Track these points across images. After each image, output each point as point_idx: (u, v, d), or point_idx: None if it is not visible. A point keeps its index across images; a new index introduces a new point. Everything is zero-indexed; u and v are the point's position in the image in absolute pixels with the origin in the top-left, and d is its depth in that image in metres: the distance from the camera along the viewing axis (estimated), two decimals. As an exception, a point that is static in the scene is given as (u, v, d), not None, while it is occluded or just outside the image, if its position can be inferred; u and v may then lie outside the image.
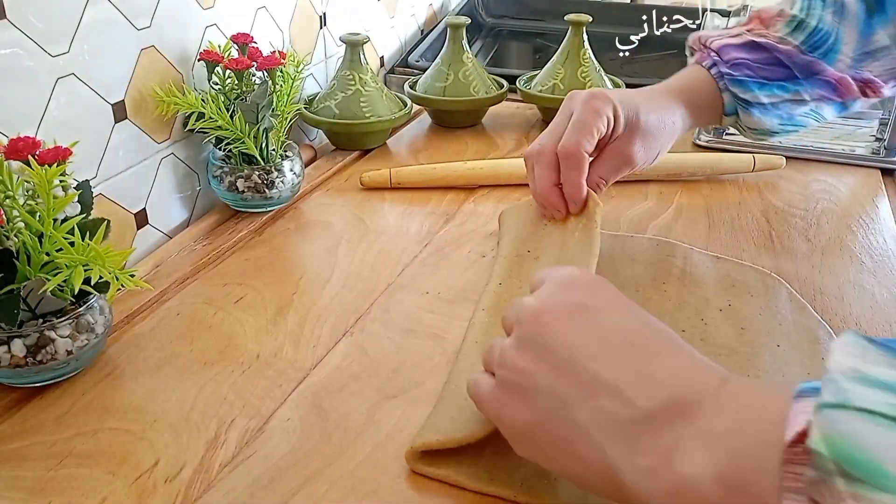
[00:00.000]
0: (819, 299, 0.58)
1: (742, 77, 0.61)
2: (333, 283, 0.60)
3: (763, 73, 0.60)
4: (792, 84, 0.61)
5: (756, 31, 0.62)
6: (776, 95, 0.61)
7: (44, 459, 0.42)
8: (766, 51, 0.61)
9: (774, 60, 0.60)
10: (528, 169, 0.59)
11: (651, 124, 0.58)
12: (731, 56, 0.61)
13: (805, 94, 0.61)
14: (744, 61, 0.60)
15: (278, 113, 0.69)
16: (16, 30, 0.51)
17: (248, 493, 0.40)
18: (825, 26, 0.59)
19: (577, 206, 0.57)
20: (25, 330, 0.45)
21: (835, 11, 0.59)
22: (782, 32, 0.61)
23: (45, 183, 0.42)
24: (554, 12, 1.29)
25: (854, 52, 0.59)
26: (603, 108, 0.55)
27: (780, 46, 0.60)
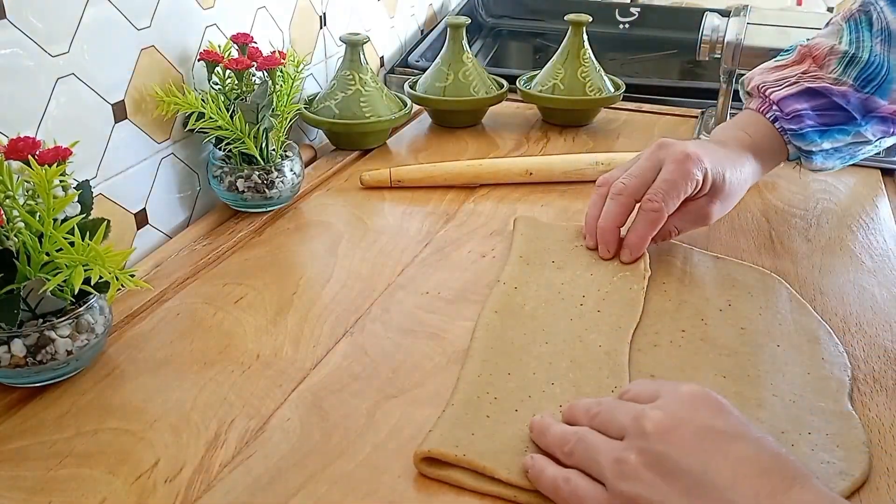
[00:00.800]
0: (819, 299, 0.58)
1: (803, 129, 0.61)
2: (333, 283, 0.60)
3: (822, 119, 0.61)
4: (852, 126, 0.61)
5: (811, 74, 0.61)
6: (837, 140, 0.61)
7: (44, 459, 0.42)
8: (824, 96, 0.60)
9: (832, 105, 0.60)
10: (599, 196, 0.60)
11: (734, 187, 0.60)
12: (792, 108, 0.61)
13: (866, 134, 0.61)
14: (803, 112, 0.61)
15: (278, 113, 0.69)
16: (16, 30, 0.51)
17: (249, 493, 0.40)
18: (876, 57, 0.59)
19: (631, 257, 0.59)
20: (25, 330, 0.45)
21: (883, 39, 0.59)
22: (837, 72, 0.60)
23: (45, 183, 0.42)
24: (554, 12, 1.29)
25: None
26: (695, 174, 0.57)
27: (835, 89, 0.60)
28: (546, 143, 0.89)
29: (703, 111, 0.95)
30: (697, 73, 1.18)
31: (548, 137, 0.91)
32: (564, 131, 0.93)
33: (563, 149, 0.88)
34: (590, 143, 0.89)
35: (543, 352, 0.50)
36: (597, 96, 0.91)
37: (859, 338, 0.53)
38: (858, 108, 0.60)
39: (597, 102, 0.92)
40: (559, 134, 0.92)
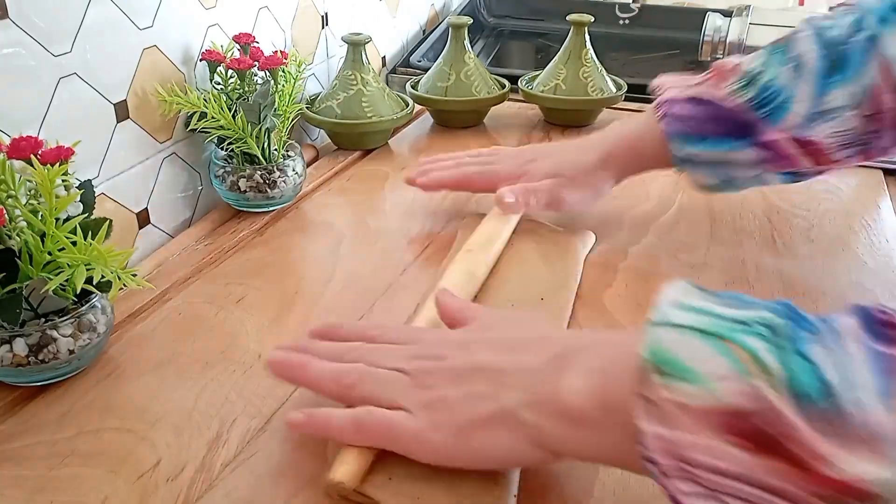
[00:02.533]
0: (821, 300, 0.58)
1: (677, 132, 0.60)
2: (335, 282, 0.60)
3: (700, 128, 0.59)
4: (728, 142, 0.58)
5: (707, 84, 0.60)
6: (710, 153, 0.59)
7: (45, 459, 0.42)
8: (709, 105, 0.58)
9: (714, 116, 0.58)
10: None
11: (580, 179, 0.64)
12: (675, 111, 0.60)
13: (741, 155, 0.58)
14: (684, 116, 0.59)
15: (280, 113, 0.69)
16: (18, 29, 0.51)
17: (250, 493, 0.40)
18: (778, 83, 0.56)
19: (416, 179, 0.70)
20: (27, 329, 0.45)
21: (795, 67, 0.56)
22: (732, 88, 0.58)
23: (48, 182, 0.42)
24: (555, 12, 1.29)
25: (805, 111, 0.55)
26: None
27: (723, 103, 0.58)
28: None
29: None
30: (700, 73, 1.18)
31: (549, 138, 0.91)
32: (566, 131, 0.93)
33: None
34: (592, 144, 0.89)
35: None
36: (599, 96, 0.91)
37: (861, 338, 0.53)
38: (738, 126, 0.57)
39: (599, 103, 0.92)
40: (561, 134, 0.92)
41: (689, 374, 0.31)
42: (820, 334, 0.31)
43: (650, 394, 0.31)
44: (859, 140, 0.55)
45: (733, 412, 0.30)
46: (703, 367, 0.31)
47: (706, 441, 0.30)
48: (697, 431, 0.30)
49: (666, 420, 0.31)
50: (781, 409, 0.29)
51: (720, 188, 0.62)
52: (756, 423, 0.29)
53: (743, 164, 0.59)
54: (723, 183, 0.61)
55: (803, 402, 0.29)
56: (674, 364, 0.31)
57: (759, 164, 0.58)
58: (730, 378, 0.30)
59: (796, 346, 0.31)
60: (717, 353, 0.31)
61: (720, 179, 0.61)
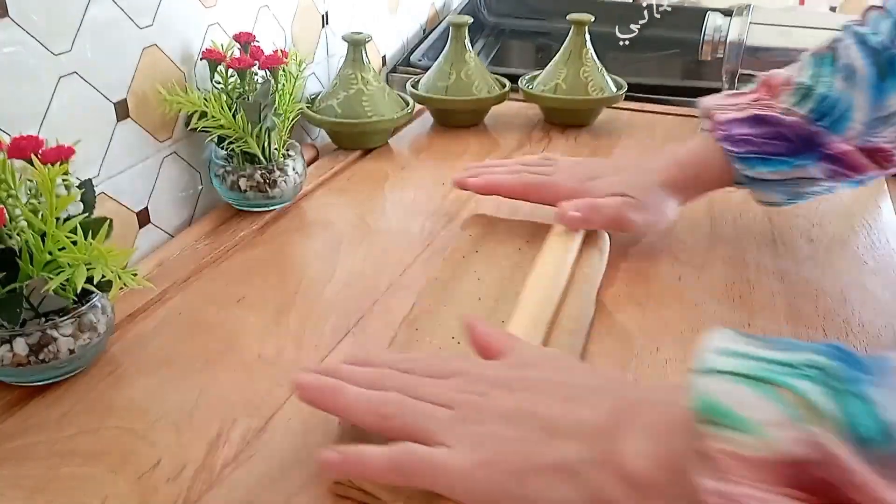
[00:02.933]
0: (821, 300, 0.58)
1: (744, 154, 0.59)
2: (335, 282, 0.60)
3: (767, 147, 0.58)
4: (796, 159, 0.58)
5: (762, 102, 0.59)
6: (780, 172, 0.59)
7: (46, 458, 0.42)
8: (770, 124, 0.58)
9: (778, 134, 0.58)
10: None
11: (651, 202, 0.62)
12: (736, 132, 0.59)
13: (811, 170, 0.58)
14: (747, 137, 0.59)
15: (280, 112, 0.69)
16: (18, 28, 0.51)
17: (251, 493, 0.40)
18: (834, 93, 0.56)
19: (465, 182, 0.69)
20: (28, 329, 0.45)
21: (845, 77, 0.56)
22: (788, 102, 0.58)
23: (48, 182, 0.42)
24: (556, 11, 1.29)
25: (866, 119, 0.56)
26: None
27: (784, 118, 0.58)
28: (548, 144, 0.89)
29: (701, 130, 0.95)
30: (700, 72, 1.18)
31: (550, 137, 0.91)
32: (566, 131, 0.93)
33: (565, 148, 0.88)
34: (592, 144, 0.89)
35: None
36: (599, 96, 0.91)
37: (861, 338, 0.53)
38: (805, 142, 0.57)
39: (599, 102, 0.92)
40: (561, 134, 0.92)
41: (741, 423, 0.29)
42: (874, 373, 0.30)
43: (705, 447, 0.30)
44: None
45: (790, 461, 0.28)
46: (754, 414, 0.29)
47: (763, 494, 0.28)
48: (755, 483, 0.28)
49: (723, 473, 0.29)
50: (839, 454, 0.27)
51: (785, 203, 0.63)
52: (814, 472, 0.28)
53: (812, 179, 0.59)
54: (790, 198, 0.62)
55: (862, 446, 0.27)
56: (724, 413, 0.30)
57: (829, 177, 0.58)
58: (783, 425, 0.29)
59: (850, 386, 0.29)
60: (766, 399, 0.30)
61: (787, 196, 0.61)
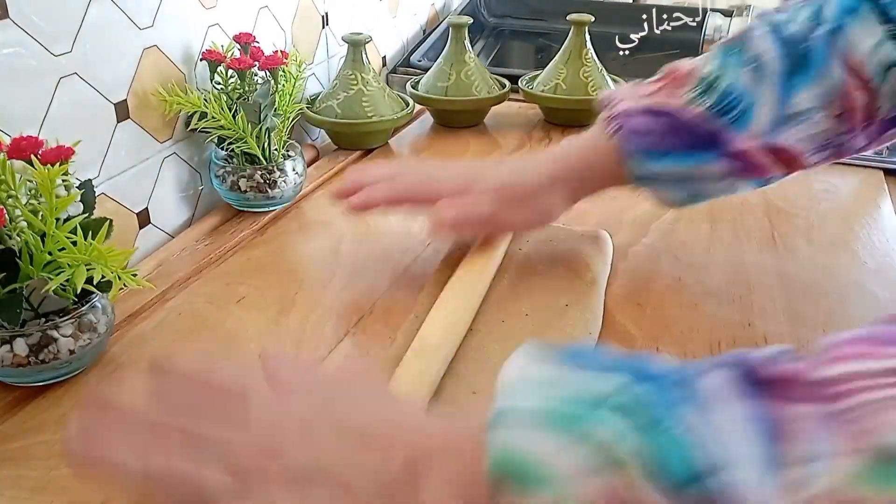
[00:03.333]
0: (821, 300, 0.58)
1: (636, 147, 0.54)
2: (335, 282, 0.60)
3: (662, 143, 0.53)
4: (692, 156, 0.53)
5: (662, 95, 0.54)
6: (674, 170, 0.54)
7: (46, 459, 0.42)
8: (669, 117, 0.53)
9: (674, 129, 0.53)
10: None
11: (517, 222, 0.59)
12: (631, 125, 0.54)
13: (710, 168, 0.53)
14: (642, 131, 0.54)
15: (280, 112, 0.69)
16: (18, 29, 0.51)
17: (250, 493, 0.40)
18: (738, 88, 0.51)
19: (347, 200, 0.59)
20: (28, 329, 0.45)
21: (754, 69, 0.51)
22: (690, 96, 0.53)
23: (48, 182, 0.42)
24: (556, 12, 1.29)
25: (771, 117, 0.51)
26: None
27: (682, 113, 0.53)
28: (548, 144, 0.89)
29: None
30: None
31: (550, 137, 0.91)
32: (566, 131, 0.93)
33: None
34: (592, 143, 0.89)
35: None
36: (599, 96, 0.91)
37: (862, 338, 0.53)
38: (703, 139, 0.52)
39: (599, 102, 0.92)
40: (561, 134, 0.92)
41: (542, 479, 0.27)
42: (686, 398, 0.28)
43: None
44: (833, 142, 0.52)
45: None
46: (555, 466, 0.27)
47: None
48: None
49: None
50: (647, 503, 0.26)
51: (686, 203, 0.57)
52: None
53: (711, 178, 0.54)
54: (689, 197, 0.56)
55: (673, 488, 0.26)
56: (523, 469, 0.28)
57: (729, 175, 0.54)
58: (585, 475, 0.27)
59: (657, 418, 0.27)
60: (569, 445, 0.28)
61: (687, 194, 0.56)
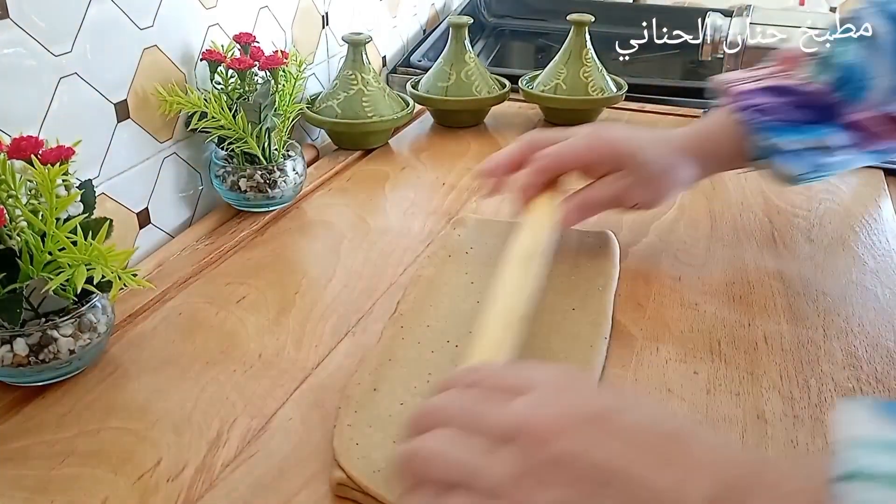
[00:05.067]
0: (822, 300, 0.58)
1: (761, 123, 0.57)
2: (335, 282, 0.60)
3: (785, 117, 0.57)
4: (818, 127, 0.57)
5: (780, 73, 0.58)
6: (801, 140, 0.57)
7: (46, 458, 0.42)
8: (789, 93, 0.57)
9: (798, 103, 0.57)
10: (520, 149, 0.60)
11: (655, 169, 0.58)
12: (752, 102, 0.57)
13: (833, 139, 0.57)
14: (764, 106, 0.57)
15: (281, 112, 0.69)
16: (19, 29, 0.51)
17: (250, 493, 0.40)
18: (854, 62, 0.55)
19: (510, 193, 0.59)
20: (28, 329, 0.45)
21: (866, 45, 0.55)
22: (808, 73, 0.57)
23: (48, 182, 0.42)
24: (556, 12, 1.29)
25: (887, 87, 0.54)
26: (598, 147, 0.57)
27: (803, 88, 0.57)
28: (548, 143, 0.89)
29: (705, 111, 0.95)
30: (700, 73, 1.18)
31: (550, 137, 0.91)
32: (567, 131, 0.93)
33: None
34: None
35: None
36: (599, 96, 0.91)
37: (862, 338, 0.53)
38: (825, 110, 0.56)
39: (599, 102, 0.92)
40: (561, 134, 0.92)
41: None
42: None
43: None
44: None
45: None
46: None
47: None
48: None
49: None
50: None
51: (808, 177, 0.59)
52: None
53: (835, 149, 0.57)
54: (813, 171, 0.59)
55: None
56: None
57: (851, 146, 0.57)
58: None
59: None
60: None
61: (811, 167, 0.58)
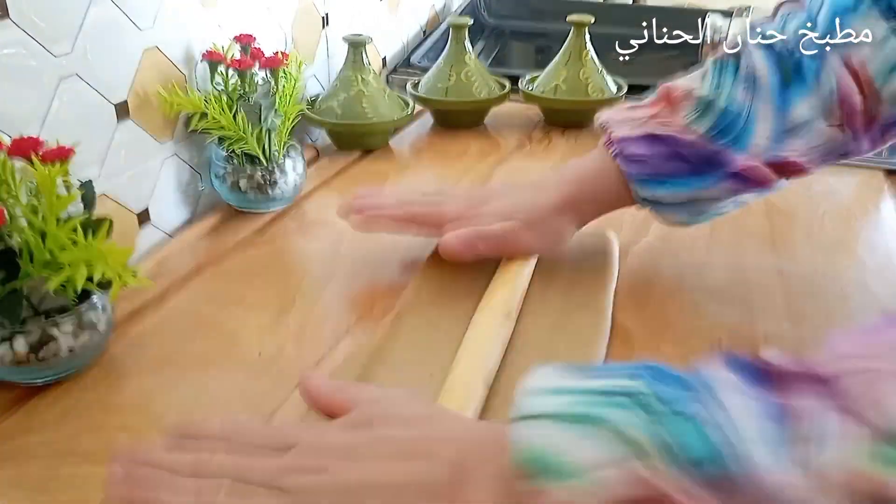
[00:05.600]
0: (822, 300, 0.58)
1: (640, 175, 0.54)
2: (335, 282, 0.60)
3: (664, 168, 0.53)
4: (695, 180, 0.53)
5: (660, 119, 0.54)
6: (678, 194, 0.54)
7: (46, 457, 0.42)
8: (666, 144, 0.53)
9: (675, 155, 0.53)
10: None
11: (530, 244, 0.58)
12: (631, 151, 0.54)
13: (713, 190, 0.53)
14: (642, 158, 0.54)
15: (281, 113, 0.69)
16: (19, 30, 0.51)
17: (250, 492, 0.40)
18: (735, 107, 0.51)
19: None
20: (28, 327, 0.45)
21: (748, 86, 0.51)
22: (688, 119, 0.53)
23: (48, 182, 0.43)
24: (556, 13, 1.29)
25: (772, 132, 0.51)
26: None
27: (681, 138, 0.53)
28: (548, 144, 0.90)
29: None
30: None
31: (550, 138, 0.91)
32: (566, 132, 0.93)
33: (566, 149, 0.88)
34: (592, 144, 0.88)
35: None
36: (599, 97, 0.91)
37: (861, 338, 0.53)
38: (704, 162, 0.52)
39: (599, 103, 0.92)
40: (561, 135, 0.92)
41: (567, 471, 0.29)
42: (694, 391, 0.29)
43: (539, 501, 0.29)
44: (836, 149, 0.52)
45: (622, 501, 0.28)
46: (576, 458, 0.29)
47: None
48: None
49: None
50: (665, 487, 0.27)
51: (693, 222, 0.58)
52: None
53: (715, 197, 0.55)
54: (695, 218, 0.57)
55: (694, 468, 0.27)
56: (548, 462, 0.29)
57: (734, 193, 0.54)
58: (607, 465, 0.28)
59: (674, 406, 0.29)
60: (586, 439, 0.29)
61: (692, 215, 0.57)
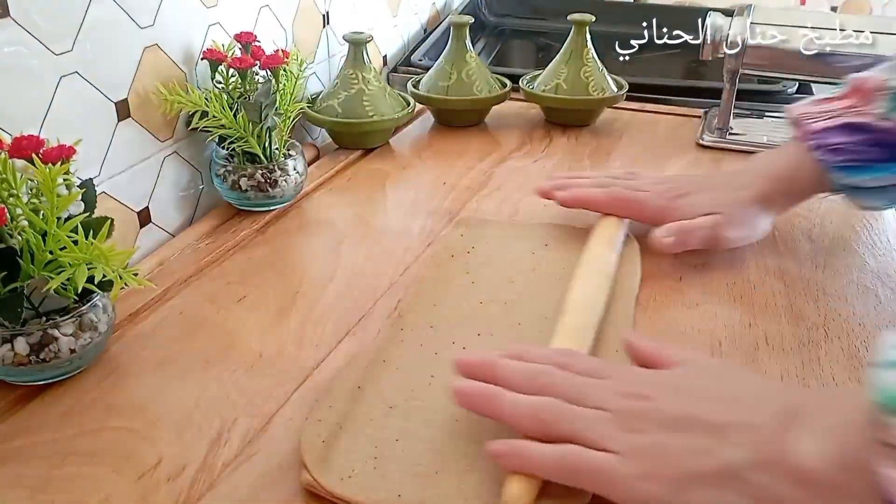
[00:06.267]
0: (822, 299, 0.58)
1: (841, 163, 0.58)
2: (336, 282, 0.60)
3: (865, 155, 0.58)
4: (893, 165, 0.57)
5: (854, 109, 0.59)
6: (880, 178, 0.58)
7: (47, 458, 0.42)
8: (865, 131, 0.57)
9: (875, 141, 0.57)
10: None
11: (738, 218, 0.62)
12: (831, 141, 0.58)
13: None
14: (843, 146, 0.58)
15: (281, 112, 0.69)
16: (19, 28, 0.51)
17: (251, 493, 0.40)
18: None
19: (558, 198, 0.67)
20: (29, 328, 0.45)
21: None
22: (883, 108, 0.57)
23: (49, 181, 0.42)
24: (557, 11, 1.29)
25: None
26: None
27: (880, 125, 0.57)
28: (549, 143, 0.89)
29: (706, 111, 0.95)
30: (701, 72, 1.18)
31: (550, 137, 0.91)
32: (567, 131, 0.93)
33: (566, 149, 0.88)
34: (592, 143, 0.89)
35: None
36: (600, 96, 0.91)
37: (863, 338, 0.53)
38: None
39: (600, 102, 0.92)
40: (562, 133, 0.92)
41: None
42: None
43: (891, 439, 0.30)
44: None
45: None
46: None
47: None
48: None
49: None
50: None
51: (889, 207, 0.63)
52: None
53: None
54: (892, 203, 0.62)
55: None
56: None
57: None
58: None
59: None
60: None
61: (888, 201, 0.61)
